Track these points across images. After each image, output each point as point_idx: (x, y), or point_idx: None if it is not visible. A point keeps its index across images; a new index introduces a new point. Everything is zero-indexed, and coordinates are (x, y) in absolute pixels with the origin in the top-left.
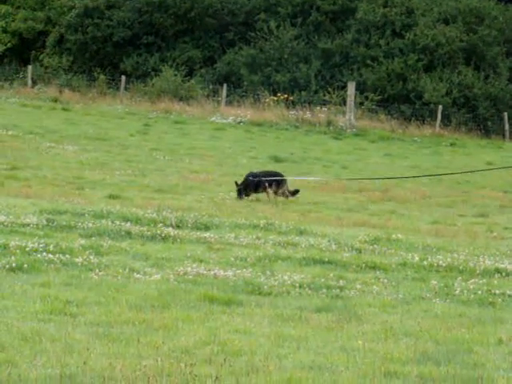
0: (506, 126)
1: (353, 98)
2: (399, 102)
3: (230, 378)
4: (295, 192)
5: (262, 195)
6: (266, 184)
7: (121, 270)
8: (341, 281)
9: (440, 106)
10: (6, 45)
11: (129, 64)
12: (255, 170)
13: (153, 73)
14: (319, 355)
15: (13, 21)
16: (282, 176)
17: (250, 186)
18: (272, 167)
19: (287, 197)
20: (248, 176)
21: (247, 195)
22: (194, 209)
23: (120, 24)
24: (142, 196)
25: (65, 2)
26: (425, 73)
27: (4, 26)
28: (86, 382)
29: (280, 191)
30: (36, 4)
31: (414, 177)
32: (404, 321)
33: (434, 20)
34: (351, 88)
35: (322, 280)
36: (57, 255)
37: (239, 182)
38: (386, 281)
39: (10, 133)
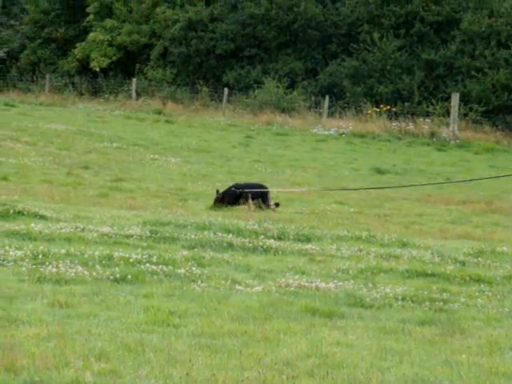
0: None
1: (457, 109)
2: (504, 112)
3: None
4: (277, 204)
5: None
6: (249, 195)
7: (223, 282)
8: (444, 294)
9: None
10: (111, 58)
11: (231, 76)
12: (240, 182)
13: (255, 85)
14: (422, 369)
15: (118, 34)
16: (266, 188)
17: (230, 196)
18: (374, 179)
19: (273, 209)
20: (231, 187)
21: (226, 205)
22: (296, 220)
23: (223, 37)
24: (243, 208)
25: (169, 15)
26: None
27: (110, 39)
28: None
29: (265, 204)
30: (141, 18)
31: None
32: (510, 335)
33: None
34: (455, 99)
35: (425, 293)
36: (160, 266)
37: (221, 191)
38: (490, 294)
39: (114, 145)
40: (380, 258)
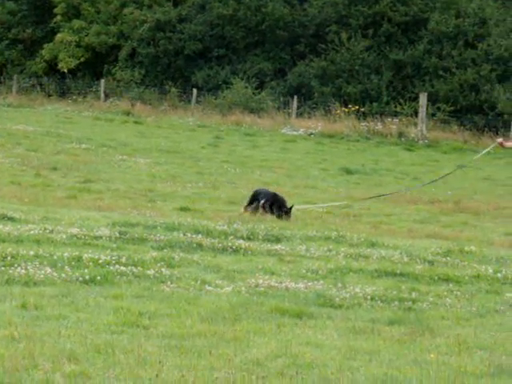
0: None
1: (424, 108)
2: (472, 112)
3: None
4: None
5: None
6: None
7: (192, 282)
8: (413, 293)
9: None
10: (79, 59)
11: (200, 77)
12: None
13: (224, 85)
14: (392, 368)
15: (86, 35)
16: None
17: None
18: (344, 179)
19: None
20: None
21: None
22: (265, 221)
23: (191, 37)
24: (212, 208)
25: (137, 16)
26: (498, 83)
27: (78, 40)
28: None
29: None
30: (109, 18)
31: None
32: (478, 334)
33: (507, 30)
34: (423, 99)
35: (394, 292)
36: (129, 267)
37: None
38: (459, 293)
39: (83, 146)
40: (349, 257)
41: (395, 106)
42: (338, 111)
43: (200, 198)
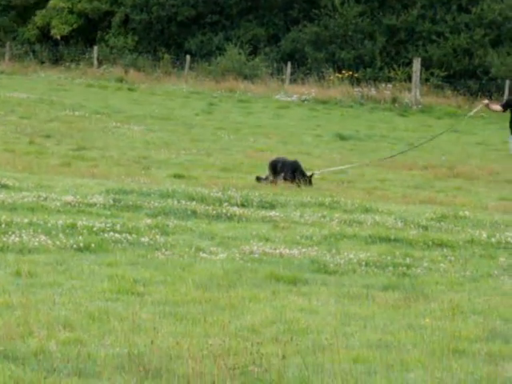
0: None
1: (418, 74)
2: (465, 77)
3: (297, 357)
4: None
5: None
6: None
7: (187, 250)
8: (407, 259)
9: (507, 81)
10: (72, 26)
11: (193, 43)
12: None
13: (217, 52)
14: (386, 333)
15: (79, 1)
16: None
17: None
18: (338, 145)
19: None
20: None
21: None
22: (259, 187)
23: (184, 3)
24: (207, 175)
25: None
26: (492, 48)
27: (70, 6)
28: (154, 360)
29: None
30: None
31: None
32: (472, 299)
33: None
34: (416, 64)
35: (389, 258)
36: (123, 235)
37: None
38: (453, 258)
39: (76, 113)
40: (343, 223)
41: (389, 72)
42: (332, 77)
43: (194, 165)
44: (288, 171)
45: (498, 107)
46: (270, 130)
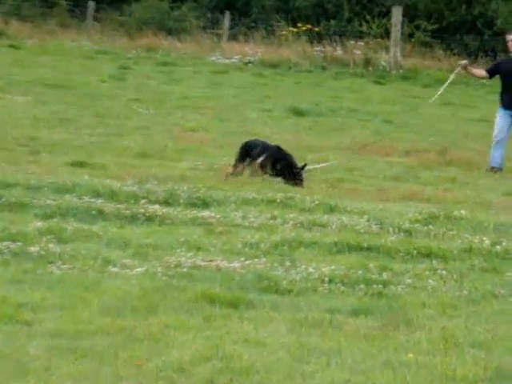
0: None
1: (399, 27)
2: (462, 32)
3: None
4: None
5: None
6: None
7: (91, 262)
8: (384, 273)
9: None
10: None
11: None
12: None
13: None
14: (356, 373)
15: None
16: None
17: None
18: (292, 122)
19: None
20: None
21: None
22: (189, 179)
23: None
24: (118, 163)
25: None
26: None
27: None
28: None
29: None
30: None
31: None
32: (470, 327)
33: None
34: (397, 15)
35: (360, 272)
36: (5, 243)
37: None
38: (445, 273)
39: None
40: (300, 227)
41: (360, 25)
42: (284, 32)
43: (100, 150)
44: (268, 159)
45: (481, 72)
46: (202, 103)
